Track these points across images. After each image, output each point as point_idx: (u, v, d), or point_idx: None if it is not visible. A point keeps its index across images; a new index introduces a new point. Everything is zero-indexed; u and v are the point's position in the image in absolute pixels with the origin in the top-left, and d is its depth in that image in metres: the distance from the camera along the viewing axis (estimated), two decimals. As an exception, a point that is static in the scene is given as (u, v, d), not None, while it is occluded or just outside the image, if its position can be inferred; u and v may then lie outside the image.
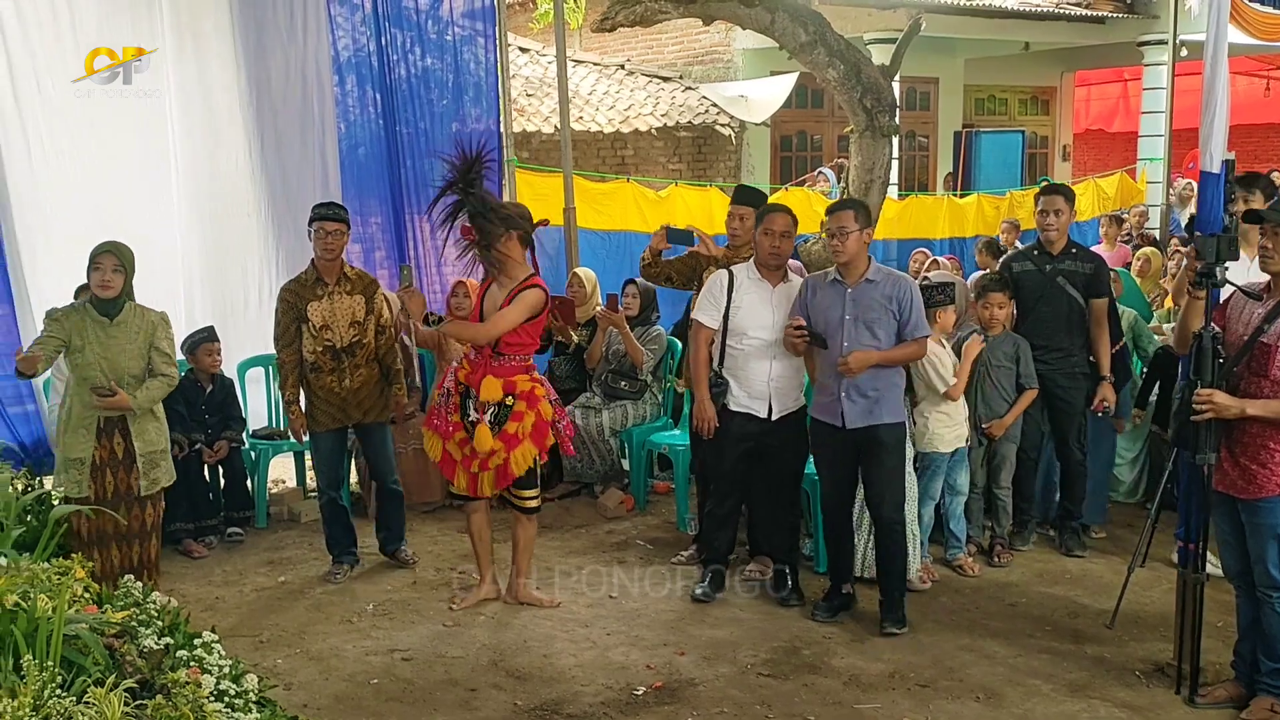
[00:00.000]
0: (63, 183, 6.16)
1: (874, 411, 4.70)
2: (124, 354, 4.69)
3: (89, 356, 4.63)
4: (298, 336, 5.34)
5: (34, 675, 2.78)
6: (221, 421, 6.13)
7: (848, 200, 4.94)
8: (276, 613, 5.05)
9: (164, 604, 3.81)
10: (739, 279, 4.99)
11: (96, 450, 4.73)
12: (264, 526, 6.30)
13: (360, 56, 7.25)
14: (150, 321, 4.81)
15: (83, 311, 4.68)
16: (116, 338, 4.67)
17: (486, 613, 5.03)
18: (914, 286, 4.79)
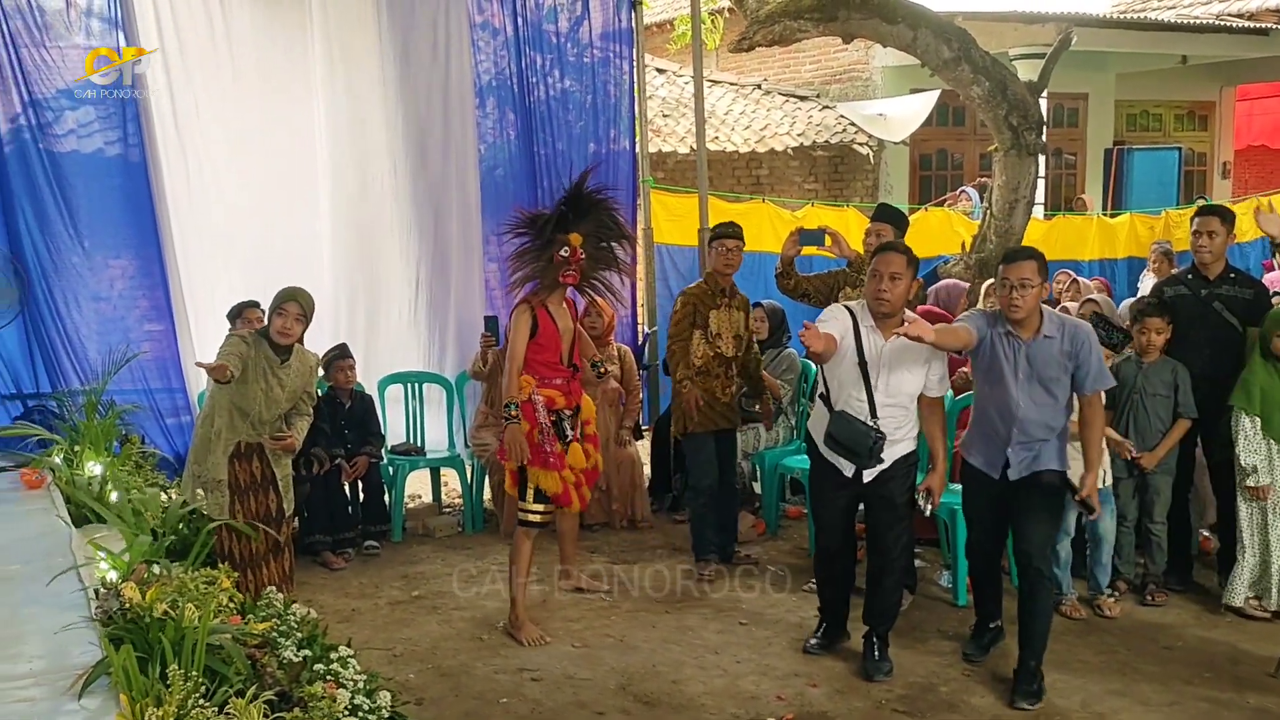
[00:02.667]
0: (216, 201, 6.40)
1: (1038, 459, 4.35)
2: (283, 394, 4.86)
3: (254, 390, 4.78)
4: (690, 337, 5.65)
5: (178, 684, 2.85)
6: (361, 437, 6.27)
7: (1027, 250, 4.41)
8: (409, 627, 5.11)
9: (303, 616, 3.90)
10: (861, 322, 4.39)
11: (236, 473, 4.89)
12: (399, 540, 6.41)
13: (500, 79, 7.37)
14: (309, 366, 5.01)
15: (259, 345, 4.81)
16: (281, 378, 4.84)
17: (615, 634, 5.00)
18: (1092, 336, 4.33)
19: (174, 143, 6.29)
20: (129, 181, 6.25)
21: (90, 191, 6.22)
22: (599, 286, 5.07)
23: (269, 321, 4.81)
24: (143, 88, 6.21)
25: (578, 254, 4.84)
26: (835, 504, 4.62)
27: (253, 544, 4.96)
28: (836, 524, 4.66)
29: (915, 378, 4.38)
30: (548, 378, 4.92)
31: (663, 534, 6.62)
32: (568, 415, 4.97)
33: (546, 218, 4.89)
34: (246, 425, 4.84)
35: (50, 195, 6.08)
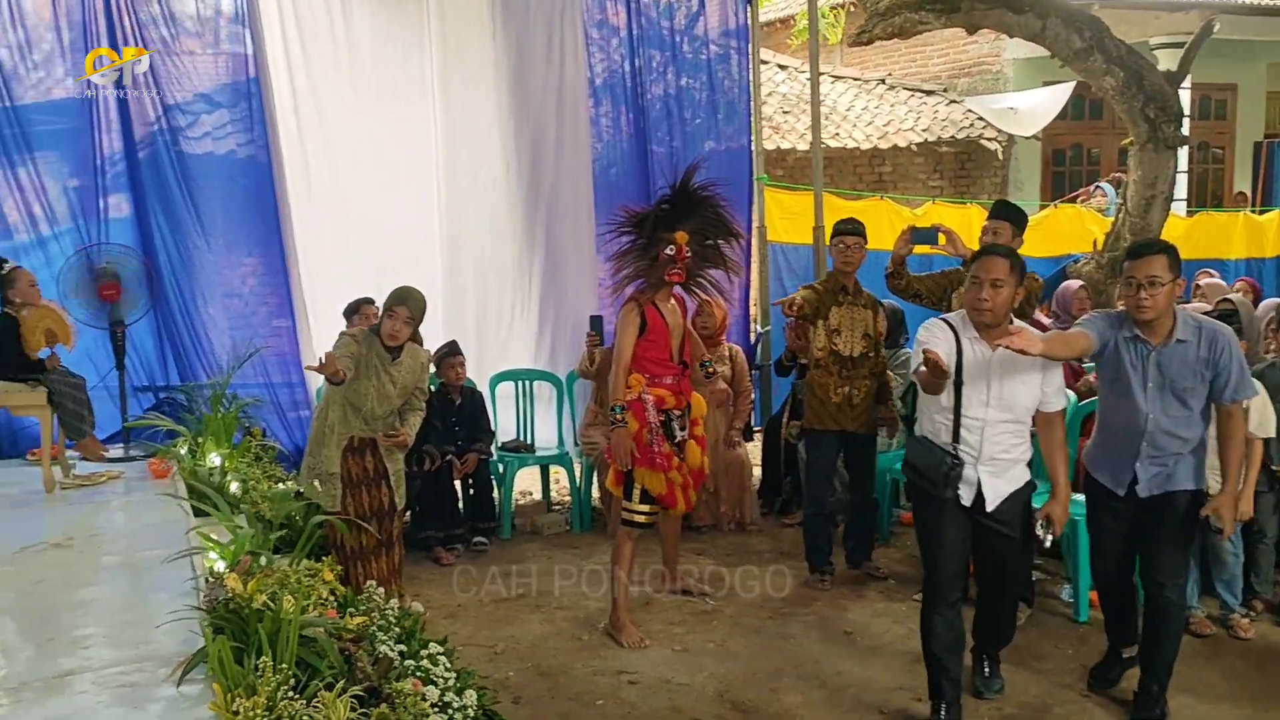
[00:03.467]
0: (335, 200, 6.56)
1: (1172, 477, 4.00)
2: (395, 391, 4.92)
3: (366, 387, 4.85)
4: (811, 324, 5.58)
5: (269, 676, 2.90)
6: (471, 434, 6.33)
7: (1157, 243, 3.98)
8: (512, 625, 5.13)
9: (402, 611, 3.95)
10: (962, 334, 3.91)
11: (350, 467, 4.97)
12: (508, 538, 6.46)
13: (615, 78, 7.37)
14: (420, 363, 5.06)
15: (370, 343, 4.88)
16: (393, 375, 4.90)
17: (715, 640, 4.92)
18: (1233, 340, 3.92)
19: (295, 144, 6.47)
20: (256, 182, 6.46)
21: (221, 192, 6.46)
22: (706, 285, 5.01)
23: (380, 322, 4.88)
24: (268, 90, 6.39)
25: (683, 252, 4.78)
26: (948, 536, 3.98)
27: (363, 537, 5.05)
28: (950, 561, 4.00)
29: (1030, 390, 3.88)
30: (658, 376, 4.88)
31: (771, 538, 6.52)
32: (677, 415, 4.92)
33: (651, 216, 4.85)
34: (359, 420, 4.92)
35: (181, 196, 6.32)
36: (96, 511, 4.92)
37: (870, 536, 5.89)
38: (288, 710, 2.78)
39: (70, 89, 6.22)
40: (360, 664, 3.20)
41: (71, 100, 6.23)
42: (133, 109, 6.25)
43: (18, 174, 6.07)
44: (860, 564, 5.82)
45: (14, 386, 5.22)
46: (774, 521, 6.80)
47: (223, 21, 6.37)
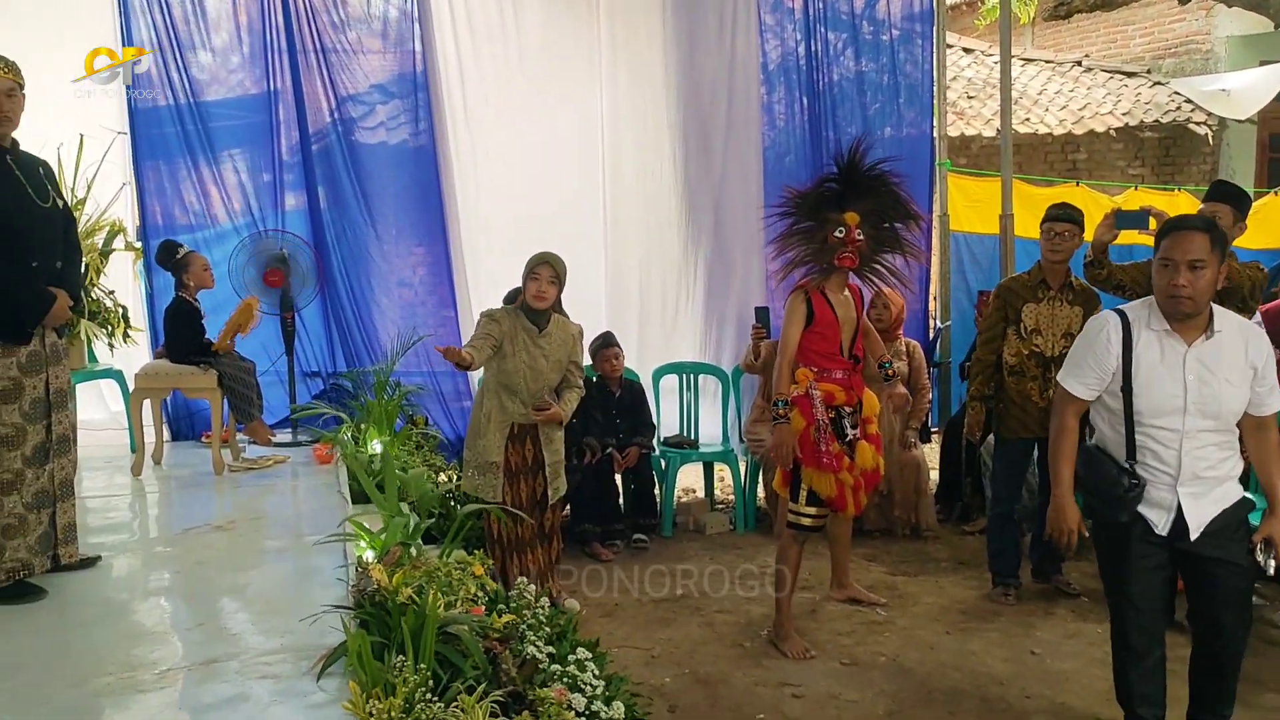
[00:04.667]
0: (501, 189, 6.47)
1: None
2: (547, 365, 4.73)
3: (516, 364, 4.68)
4: (1002, 336, 5.14)
5: (408, 675, 2.75)
6: (632, 427, 6.15)
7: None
8: (670, 627, 4.91)
9: (554, 609, 3.78)
10: (1137, 327, 3.32)
11: (510, 456, 4.83)
12: (669, 536, 6.25)
13: (790, 62, 7.07)
14: (570, 335, 4.85)
15: (516, 317, 4.73)
16: (543, 348, 4.71)
17: (887, 653, 4.58)
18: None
19: (464, 134, 6.44)
20: (424, 173, 6.45)
21: (391, 182, 6.47)
22: (881, 271, 4.66)
23: (524, 288, 4.68)
24: (436, 81, 6.36)
25: (854, 234, 4.45)
26: (1136, 576, 3.37)
27: (520, 529, 4.91)
28: (1140, 607, 3.38)
29: (1238, 391, 3.25)
30: (826, 370, 4.57)
31: (949, 546, 6.10)
32: (848, 412, 4.60)
33: (818, 195, 4.54)
34: (516, 403, 4.76)
35: (351, 186, 6.36)
36: (260, 495, 4.95)
37: None
38: (425, 713, 2.62)
39: (249, 86, 6.32)
40: (505, 666, 3.02)
41: (253, 97, 6.33)
42: (308, 104, 6.31)
43: (200, 168, 6.20)
44: (1049, 577, 5.36)
45: (187, 369, 5.32)
46: (952, 529, 6.37)
47: (393, 13, 6.37)
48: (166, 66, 6.08)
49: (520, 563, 4.96)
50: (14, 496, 3.60)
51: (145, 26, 6.06)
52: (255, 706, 2.77)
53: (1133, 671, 3.44)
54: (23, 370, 3.58)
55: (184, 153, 6.18)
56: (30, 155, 3.68)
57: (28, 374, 3.60)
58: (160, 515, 4.77)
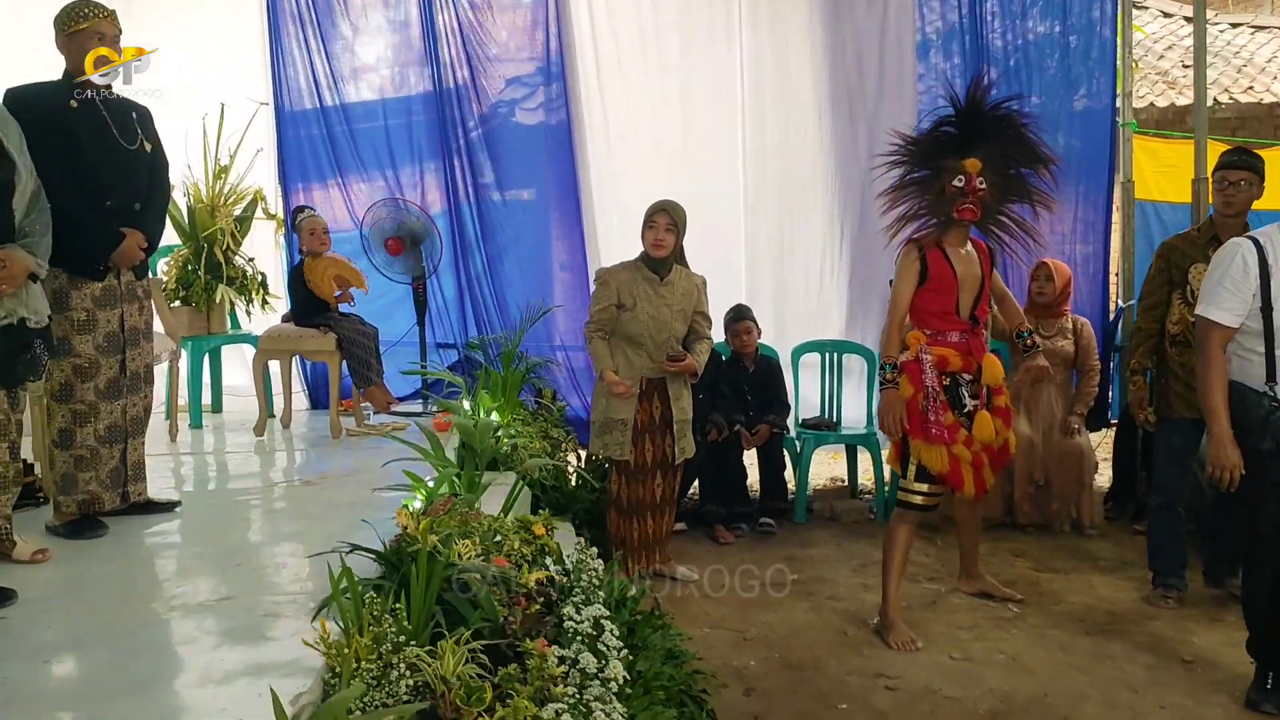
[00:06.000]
0: (635, 161, 6.28)
1: None
2: (671, 314, 4.66)
3: (640, 314, 4.64)
4: (1166, 302, 4.65)
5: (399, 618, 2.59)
6: (764, 404, 5.81)
7: None
8: (773, 611, 4.56)
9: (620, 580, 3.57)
10: (1270, 248, 3.35)
11: (637, 413, 4.68)
12: (801, 521, 5.86)
13: (949, 26, 6.53)
14: (694, 284, 4.80)
15: (634, 269, 4.70)
16: (665, 297, 4.66)
17: (1007, 652, 4.07)
18: None
19: (597, 108, 6.31)
20: (558, 147, 6.32)
21: (525, 157, 6.38)
22: (1007, 224, 4.17)
23: (643, 237, 4.67)
24: (570, 49, 6.24)
25: (974, 183, 4.00)
26: (1271, 503, 3.37)
27: (641, 489, 4.75)
28: (1271, 532, 3.39)
29: None
30: (941, 332, 4.13)
31: (1114, 544, 5.45)
32: (966, 380, 4.15)
33: (935, 140, 4.11)
34: (643, 356, 4.69)
35: (486, 161, 6.32)
36: (363, 456, 4.92)
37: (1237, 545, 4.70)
38: (393, 656, 2.43)
39: (411, 84, 6.38)
40: (512, 621, 2.81)
41: (423, 95, 6.38)
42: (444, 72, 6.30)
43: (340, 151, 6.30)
44: (1222, 580, 4.67)
45: (308, 332, 5.38)
46: (1122, 527, 5.70)
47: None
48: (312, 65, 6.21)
49: (639, 527, 4.81)
50: (88, 428, 3.67)
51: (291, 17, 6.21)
52: (237, 642, 2.66)
53: (1258, 580, 3.48)
54: (97, 304, 3.65)
55: (325, 139, 6.30)
56: (124, 99, 3.75)
57: (101, 308, 3.66)
58: (258, 470, 4.82)
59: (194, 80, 5.94)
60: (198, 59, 6.08)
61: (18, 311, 3.23)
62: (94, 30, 3.55)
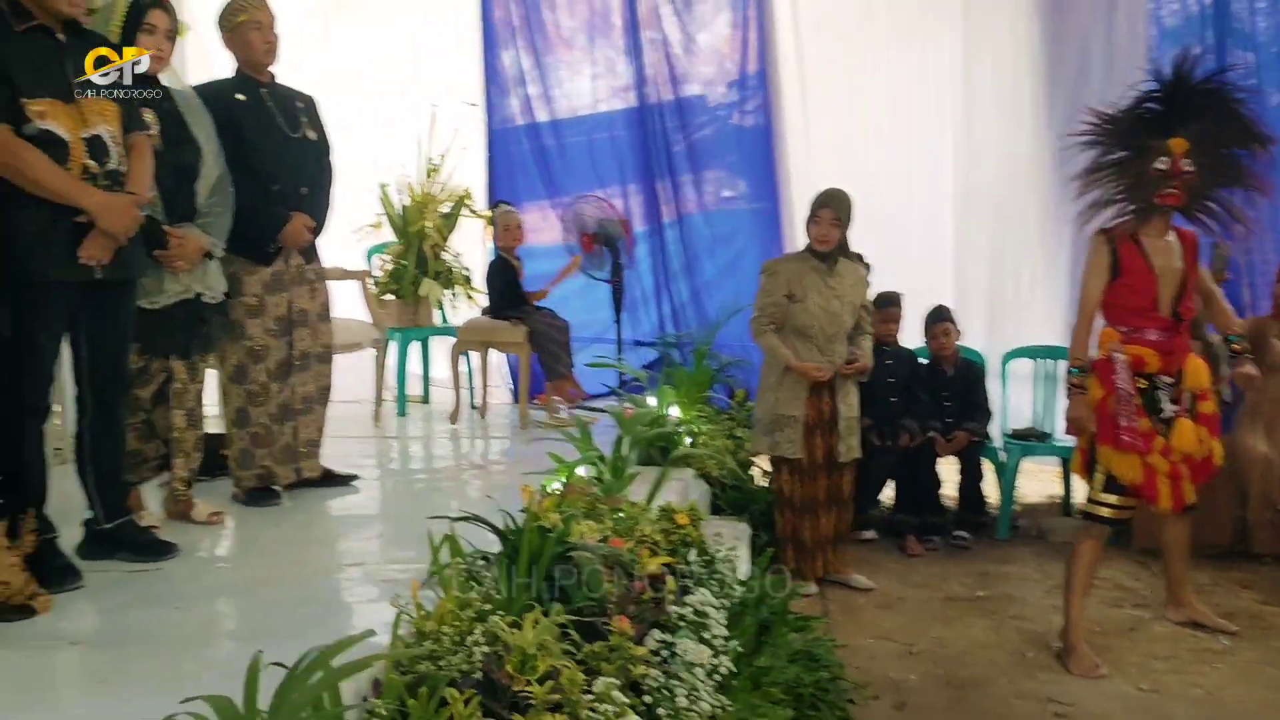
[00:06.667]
0: (836, 159, 6.11)
1: None
2: (841, 305, 4.54)
3: (810, 306, 4.52)
4: None
5: (491, 590, 2.59)
6: (963, 411, 5.47)
7: None
8: (948, 626, 4.27)
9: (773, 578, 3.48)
10: None
11: (806, 409, 4.56)
12: (1004, 538, 5.46)
13: (1191, 18, 5.92)
14: (860, 277, 4.67)
15: (802, 260, 4.60)
16: (835, 288, 4.54)
17: (1206, 686, 3.64)
18: None
19: (798, 105, 6.24)
20: (757, 149, 6.30)
21: (723, 157, 6.37)
22: (1215, 210, 3.73)
23: (807, 230, 4.56)
24: (772, 54, 6.15)
25: (1180, 165, 3.61)
26: None
27: (811, 489, 4.60)
28: None
29: None
30: (1138, 329, 3.76)
31: (1371, 583, 4.77)
32: (1166, 383, 3.75)
33: (1136, 118, 3.73)
34: (812, 349, 4.55)
35: (685, 162, 6.33)
36: (539, 446, 4.98)
37: None
38: (472, 626, 2.42)
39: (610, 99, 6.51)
40: (610, 599, 2.74)
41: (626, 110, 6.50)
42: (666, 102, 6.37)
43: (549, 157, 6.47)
44: None
45: (501, 324, 5.53)
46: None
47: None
48: (524, 80, 6.42)
49: (813, 526, 4.65)
50: (260, 408, 3.90)
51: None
52: (350, 603, 2.74)
53: None
54: (266, 289, 3.88)
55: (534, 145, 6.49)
56: (288, 89, 3.98)
57: (271, 292, 3.89)
58: (437, 454, 5.00)
59: (410, 81, 6.28)
60: (415, 62, 6.41)
61: (193, 287, 3.48)
62: (252, 21, 3.79)
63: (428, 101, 6.11)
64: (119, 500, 3.23)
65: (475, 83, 6.47)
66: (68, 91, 2.90)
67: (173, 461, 3.61)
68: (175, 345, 3.52)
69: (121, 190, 2.97)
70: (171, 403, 3.56)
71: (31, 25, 2.86)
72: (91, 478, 3.15)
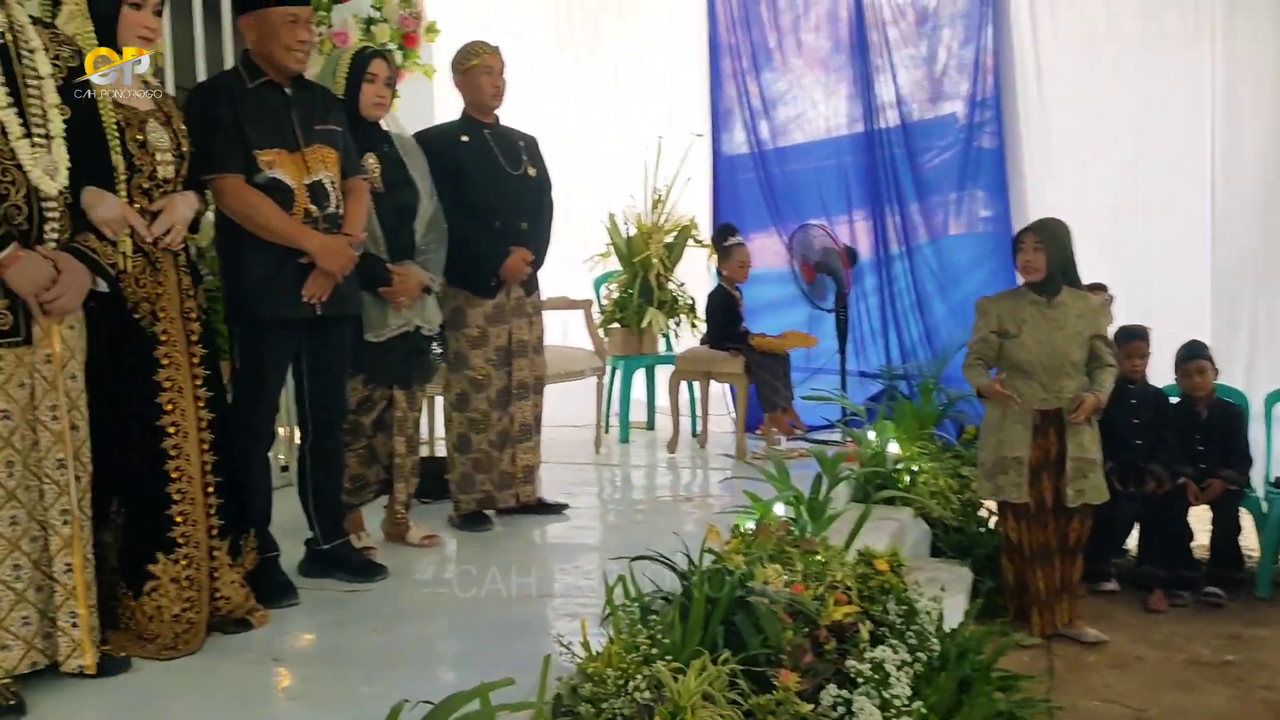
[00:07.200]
0: (1078, 181, 5.81)
1: None
2: (1064, 338, 4.24)
3: (1026, 340, 4.27)
4: None
5: (653, 632, 2.59)
6: (1218, 456, 5.01)
7: None
8: (1184, 692, 3.90)
9: (980, 633, 3.33)
10: None
11: (1032, 450, 4.31)
12: (1264, 596, 4.94)
13: None
14: (1089, 306, 4.36)
15: (1018, 295, 4.38)
16: (1056, 320, 4.26)
17: None
18: None
19: (1037, 122, 5.97)
20: (991, 172, 6.09)
21: (951, 184, 6.17)
22: None
23: (1014, 261, 4.35)
24: (1008, 68, 5.88)
25: None
26: None
27: (1042, 535, 4.35)
28: None
29: None
30: None
31: None
32: None
33: None
34: (1035, 387, 4.28)
35: (911, 189, 6.18)
36: (750, 479, 4.95)
37: None
38: (637, 669, 2.42)
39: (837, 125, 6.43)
40: (787, 648, 2.68)
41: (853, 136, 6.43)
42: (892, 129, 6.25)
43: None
44: None
45: (719, 354, 5.53)
46: None
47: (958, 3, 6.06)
48: (749, 107, 6.43)
49: (1045, 575, 4.38)
50: (481, 434, 4.07)
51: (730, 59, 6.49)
52: (531, 636, 2.80)
53: None
54: (488, 321, 4.04)
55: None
56: (511, 130, 4.14)
57: (493, 324, 4.05)
58: (649, 483, 5.05)
59: (638, 113, 6.42)
60: (641, 95, 6.55)
61: (413, 321, 3.68)
62: (484, 66, 3.96)
63: (654, 132, 6.20)
64: (337, 521, 3.45)
65: (700, 112, 6.54)
66: (294, 141, 3.13)
67: (394, 485, 3.81)
68: (396, 375, 3.72)
69: (339, 232, 3.17)
70: (394, 429, 3.76)
71: (262, 82, 3.12)
72: (311, 499, 3.38)
